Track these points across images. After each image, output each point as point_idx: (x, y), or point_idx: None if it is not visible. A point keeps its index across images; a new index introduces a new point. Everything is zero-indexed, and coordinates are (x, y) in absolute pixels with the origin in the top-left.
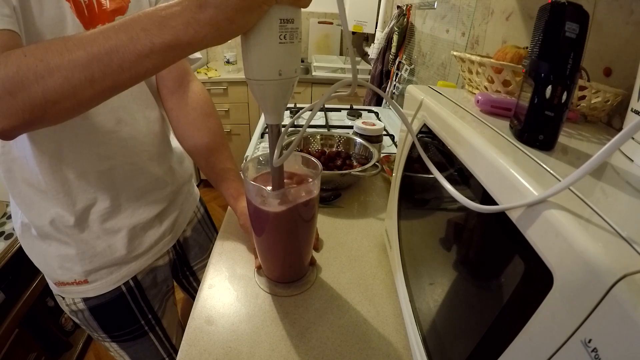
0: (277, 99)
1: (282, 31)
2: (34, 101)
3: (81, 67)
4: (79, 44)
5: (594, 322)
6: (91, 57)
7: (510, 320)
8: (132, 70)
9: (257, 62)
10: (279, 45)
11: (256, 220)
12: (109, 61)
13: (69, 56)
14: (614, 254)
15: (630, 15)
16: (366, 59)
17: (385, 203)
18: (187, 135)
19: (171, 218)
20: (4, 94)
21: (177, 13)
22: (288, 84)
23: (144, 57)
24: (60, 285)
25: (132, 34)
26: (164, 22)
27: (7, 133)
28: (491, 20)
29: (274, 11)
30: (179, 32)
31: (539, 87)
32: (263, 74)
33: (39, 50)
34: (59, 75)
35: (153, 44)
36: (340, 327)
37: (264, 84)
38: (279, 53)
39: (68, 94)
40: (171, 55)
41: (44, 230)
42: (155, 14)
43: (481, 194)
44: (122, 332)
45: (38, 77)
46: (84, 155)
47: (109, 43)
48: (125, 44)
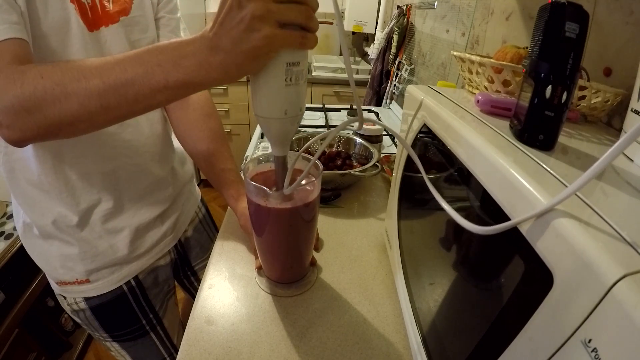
0: (282, 134)
1: (289, 74)
2: (49, 121)
3: (97, 95)
4: (95, 72)
5: (594, 322)
6: (107, 87)
7: (510, 320)
8: (146, 102)
9: (264, 101)
10: (285, 87)
11: (257, 220)
12: (124, 92)
13: (86, 84)
14: (614, 254)
15: (630, 15)
16: (366, 59)
17: (385, 203)
18: (188, 136)
19: (172, 218)
20: (21, 111)
21: (191, 53)
22: (293, 121)
23: (157, 92)
24: (62, 284)
25: (148, 68)
26: (178, 62)
27: (20, 143)
28: (491, 20)
29: (281, 56)
30: (191, 73)
31: (539, 87)
32: (270, 113)
33: (56, 73)
34: (75, 100)
35: (167, 81)
36: (340, 327)
37: (270, 121)
38: (285, 94)
39: (83, 118)
40: (183, 92)
41: (46, 230)
42: (171, 51)
43: (481, 195)
44: (123, 332)
45: (55, 100)
46: (87, 157)
47: (125, 75)
48: (141, 77)
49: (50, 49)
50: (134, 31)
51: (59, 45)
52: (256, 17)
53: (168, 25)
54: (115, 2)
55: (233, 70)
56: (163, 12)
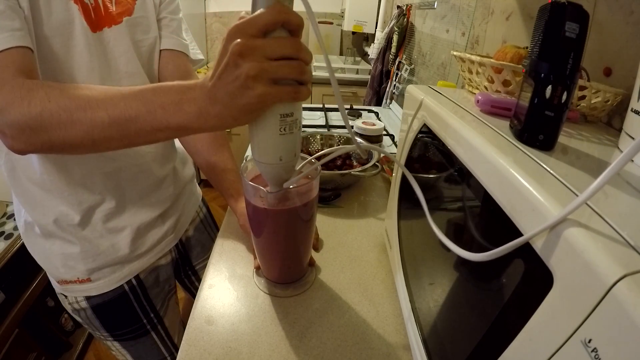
0: (278, 177)
1: (282, 124)
2: (54, 142)
3: (101, 127)
4: (102, 104)
5: (594, 322)
6: (112, 121)
7: (510, 321)
8: (147, 138)
9: (261, 148)
10: (279, 137)
11: (254, 220)
12: (127, 127)
13: (92, 115)
14: (614, 254)
15: (630, 15)
16: (366, 59)
17: (385, 203)
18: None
19: (174, 218)
20: (26, 128)
21: (192, 99)
22: (288, 166)
23: (158, 131)
24: (63, 283)
25: (151, 108)
26: (179, 106)
27: (22, 153)
28: (491, 20)
29: (274, 108)
30: (191, 118)
31: (539, 87)
32: (266, 159)
33: (63, 99)
34: (80, 128)
35: (168, 123)
36: (340, 327)
37: (266, 166)
38: (279, 143)
39: (87, 144)
40: (182, 133)
41: (48, 229)
42: (173, 94)
43: (482, 195)
44: (124, 331)
45: (61, 125)
46: (90, 158)
47: (129, 112)
48: (144, 116)
49: (53, 50)
50: (136, 32)
51: (63, 46)
52: (250, 76)
53: (170, 26)
54: (118, 3)
55: (228, 121)
56: (165, 12)
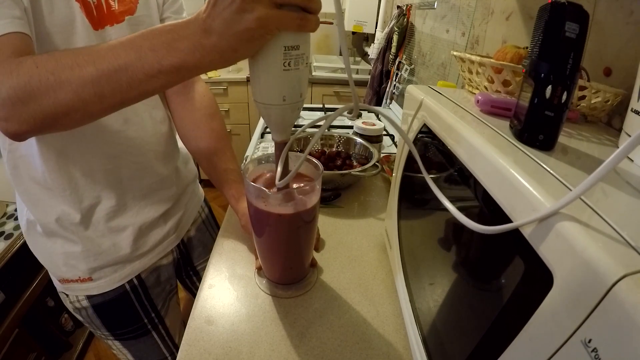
0: (282, 120)
1: (287, 58)
2: (45, 111)
3: (91, 83)
4: (89, 59)
5: (594, 322)
6: (101, 74)
7: (510, 321)
8: (141, 88)
9: (262, 86)
10: (283, 72)
11: (256, 221)
12: (117, 79)
13: (79, 72)
14: (614, 253)
15: (630, 15)
16: (366, 59)
17: (385, 203)
18: (191, 136)
19: (176, 218)
20: (17, 102)
21: (185, 36)
22: (293, 108)
23: (152, 77)
24: (65, 282)
25: (141, 53)
26: (172, 45)
27: (19, 136)
28: (491, 20)
29: (278, 39)
30: (186, 56)
31: (539, 87)
32: (267, 99)
33: (50, 62)
34: (69, 89)
35: (161, 65)
36: (340, 327)
37: (268, 107)
38: (283, 80)
39: (78, 107)
40: (178, 76)
41: (50, 228)
42: (164, 35)
43: (482, 194)
44: (125, 331)
45: (49, 89)
46: (91, 154)
47: (118, 61)
48: (134, 63)
49: (54, 48)
50: (139, 31)
51: (64, 43)
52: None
53: None
54: (121, 2)
55: (227, 53)
56: (169, 12)
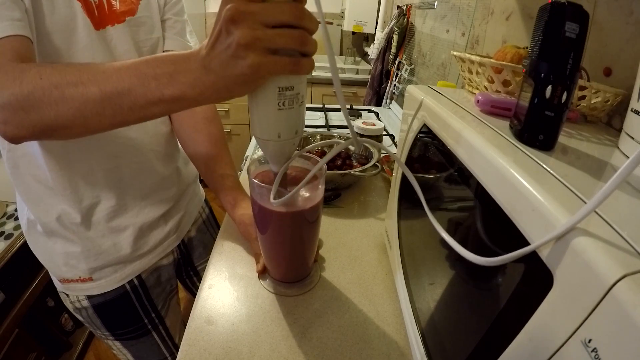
0: (278, 155)
1: (281, 99)
2: (45, 122)
3: (93, 103)
4: (93, 79)
5: (594, 322)
6: (104, 96)
7: (510, 320)
8: (141, 113)
9: (258, 123)
10: (277, 112)
11: (260, 220)
12: (119, 102)
13: (83, 90)
14: (614, 254)
15: (630, 15)
16: (366, 59)
17: (385, 203)
18: (188, 139)
19: (176, 218)
20: (18, 109)
21: (186, 70)
22: (288, 144)
23: (152, 104)
24: (65, 282)
25: (144, 80)
26: (174, 76)
27: (16, 140)
28: (491, 20)
29: (272, 80)
30: (186, 89)
31: (539, 87)
32: (263, 135)
33: (55, 76)
34: (71, 105)
35: (162, 94)
36: (340, 327)
37: (264, 142)
38: (277, 119)
39: (78, 123)
40: (177, 106)
41: (50, 227)
42: (167, 65)
43: (482, 195)
44: (125, 331)
45: (52, 103)
46: (92, 153)
47: (121, 85)
48: (137, 89)
49: (55, 47)
50: (139, 32)
51: (65, 42)
52: (241, 45)
53: (174, 27)
54: (123, 2)
55: (223, 92)
56: (169, 14)
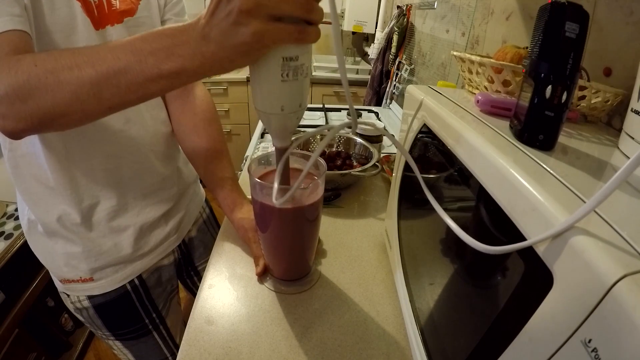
0: (281, 129)
1: (285, 69)
2: (43, 110)
3: (89, 85)
4: (88, 60)
5: (594, 322)
6: (100, 76)
7: (510, 321)
8: (140, 91)
9: (261, 95)
10: (281, 83)
11: (261, 218)
12: (117, 82)
13: (79, 73)
14: (614, 254)
15: (630, 15)
16: (366, 59)
17: (385, 203)
18: (188, 140)
19: (177, 218)
20: (15, 99)
21: (184, 42)
22: (292, 117)
23: (151, 81)
24: (66, 282)
25: (141, 57)
26: (171, 50)
27: (16, 134)
28: (491, 20)
29: (276, 50)
30: (185, 61)
31: (539, 87)
32: (266, 108)
33: (49, 61)
34: (68, 90)
35: (160, 70)
36: (340, 327)
37: (267, 115)
38: (281, 90)
39: (76, 108)
40: (177, 81)
41: (51, 227)
42: (164, 39)
43: (482, 195)
44: (126, 331)
45: (48, 89)
46: (92, 153)
47: (117, 64)
48: (134, 66)
49: (55, 46)
50: (139, 32)
51: (64, 42)
52: (243, 11)
53: None
54: (123, 2)
55: (225, 62)
56: (170, 14)
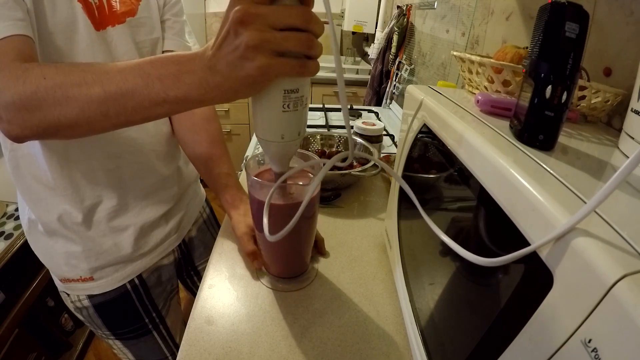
0: (280, 156)
1: (286, 101)
2: (49, 122)
3: (97, 103)
4: (97, 79)
5: (594, 322)
6: (107, 96)
7: (510, 320)
8: (145, 113)
9: (262, 124)
10: (282, 114)
11: (258, 217)
12: (124, 103)
13: (87, 90)
14: (614, 254)
15: (630, 15)
16: (366, 59)
17: (385, 203)
18: (187, 139)
19: (177, 218)
20: (21, 109)
21: (191, 71)
22: (291, 145)
23: (156, 105)
24: (66, 281)
25: (149, 81)
26: (178, 77)
27: (20, 139)
28: (491, 20)
29: (278, 83)
30: (191, 90)
31: (539, 87)
32: (266, 136)
33: (59, 76)
34: (75, 105)
35: (167, 95)
36: (340, 327)
37: (267, 143)
38: (282, 120)
39: (82, 123)
40: (181, 107)
41: (51, 227)
42: (172, 66)
43: (482, 195)
44: (126, 330)
45: (55, 103)
46: (93, 154)
47: (125, 85)
48: (141, 89)
49: (56, 47)
50: (139, 32)
51: (66, 43)
52: (250, 47)
53: (173, 28)
54: (123, 3)
55: (229, 93)
56: (169, 14)
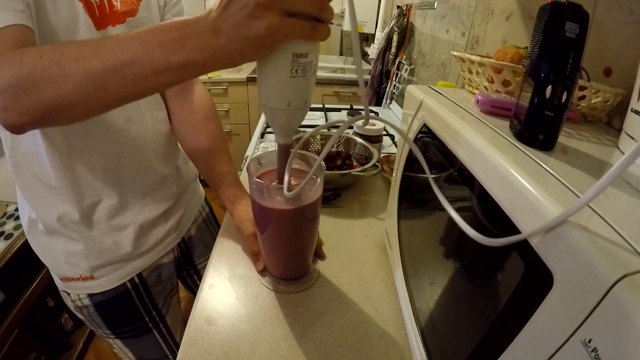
0: (285, 125)
1: (294, 65)
2: (46, 103)
3: (95, 76)
4: (95, 52)
5: (594, 322)
6: (106, 68)
7: (510, 320)
8: (146, 84)
9: (268, 90)
10: (290, 79)
11: (260, 219)
12: (123, 74)
13: (85, 64)
14: (614, 253)
15: (630, 15)
16: (366, 59)
17: (385, 203)
18: (188, 138)
19: (176, 216)
20: (18, 91)
21: (194, 34)
22: (297, 113)
23: (158, 73)
24: (66, 280)
25: (149, 48)
26: (180, 42)
27: (18, 128)
28: (491, 20)
29: (287, 46)
30: (194, 54)
31: (539, 87)
32: (272, 103)
33: (55, 53)
34: (73, 81)
35: (168, 62)
36: (340, 327)
37: (273, 111)
38: (289, 86)
39: (81, 101)
40: (185, 74)
41: (52, 226)
42: (173, 31)
43: (482, 195)
44: (126, 329)
45: (52, 80)
46: (93, 152)
47: (125, 56)
48: (141, 58)
49: None
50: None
51: (67, 41)
52: (260, 4)
53: None
54: (124, 2)
55: (235, 55)
56: (169, 14)
